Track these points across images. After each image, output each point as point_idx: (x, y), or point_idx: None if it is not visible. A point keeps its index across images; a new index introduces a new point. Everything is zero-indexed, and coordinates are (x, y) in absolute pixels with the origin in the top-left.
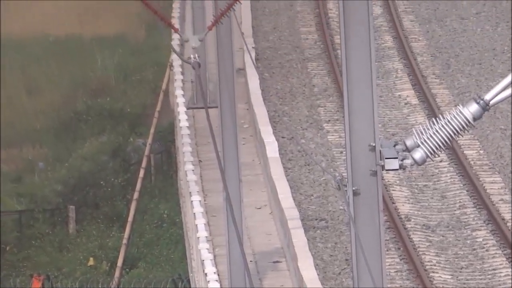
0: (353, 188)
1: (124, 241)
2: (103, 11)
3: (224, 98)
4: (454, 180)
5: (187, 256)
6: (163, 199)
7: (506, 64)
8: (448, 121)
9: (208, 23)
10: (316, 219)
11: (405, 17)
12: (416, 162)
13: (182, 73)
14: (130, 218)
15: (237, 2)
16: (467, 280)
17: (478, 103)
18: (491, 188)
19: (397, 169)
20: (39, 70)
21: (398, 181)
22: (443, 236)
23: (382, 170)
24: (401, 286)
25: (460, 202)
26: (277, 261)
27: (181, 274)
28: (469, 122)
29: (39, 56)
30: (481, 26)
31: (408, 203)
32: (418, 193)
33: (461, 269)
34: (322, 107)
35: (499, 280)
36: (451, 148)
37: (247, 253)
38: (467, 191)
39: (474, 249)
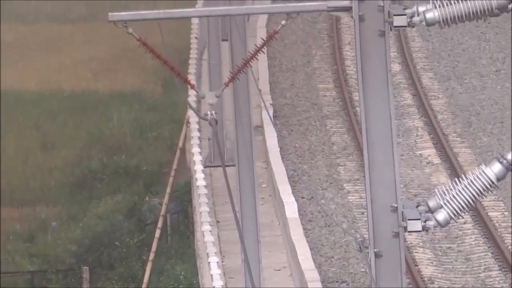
0: (375, 250)
1: None
2: (120, 66)
3: (241, 156)
4: (478, 242)
5: None
6: (179, 260)
7: None
8: (471, 182)
9: (224, 79)
10: (337, 282)
11: (424, 74)
12: (439, 224)
13: (199, 130)
14: (145, 279)
15: (254, 59)
16: None
17: (501, 162)
18: None
19: (420, 231)
20: (54, 125)
21: (421, 243)
22: None
23: (405, 231)
24: None
25: (485, 264)
26: None
27: None
28: (492, 182)
29: (54, 111)
30: (501, 84)
31: (432, 265)
32: (442, 255)
33: None
34: (342, 166)
35: None
36: (475, 210)
37: None
38: (492, 253)
39: None
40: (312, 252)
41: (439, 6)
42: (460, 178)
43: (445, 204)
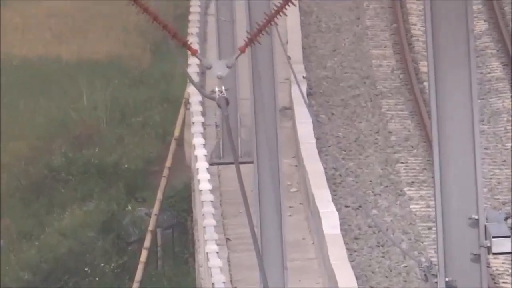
0: (447, 279)
1: None
2: (91, 24)
3: (262, 150)
4: None
5: None
6: None
7: None
8: None
9: (240, 42)
10: None
11: None
12: None
13: (203, 114)
14: None
15: (281, 14)
16: None
17: None
18: None
19: (509, 253)
20: None
21: (510, 270)
22: None
23: (488, 253)
24: None
25: None
26: None
27: None
28: None
29: None
30: None
31: None
32: None
33: None
34: (402, 163)
35: None
36: None
37: None
38: None
39: None
40: (359, 282)
41: None
42: None
43: None
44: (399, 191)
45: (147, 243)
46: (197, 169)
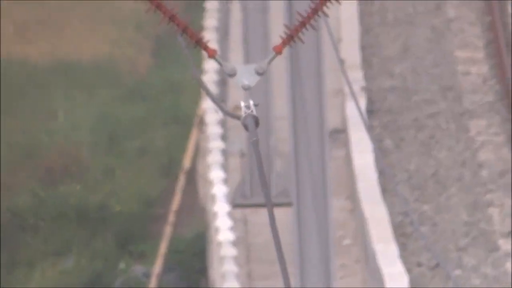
0: None
1: None
2: (70, 15)
3: (304, 188)
4: None
5: None
6: None
7: None
8: None
9: (275, 40)
10: None
11: None
12: None
13: (224, 138)
14: None
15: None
16: None
17: None
18: None
19: None
20: None
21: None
22: None
23: None
24: None
25: None
26: None
27: None
28: None
29: None
30: None
31: None
32: None
33: None
34: (496, 206)
35: None
36: None
37: None
38: None
39: None
40: None
41: None
42: None
43: None
44: (492, 245)
45: None
46: (215, 213)
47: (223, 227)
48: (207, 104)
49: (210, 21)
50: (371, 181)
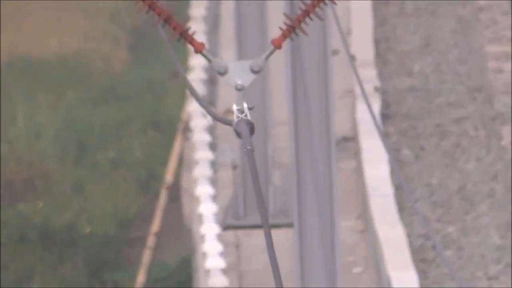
0: None
1: None
2: (32, 2)
3: (308, 206)
4: None
5: None
6: None
7: None
8: None
9: (273, 32)
10: None
11: None
12: None
13: (212, 147)
14: None
15: None
16: None
17: None
18: None
19: None
20: None
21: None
22: None
23: None
24: None
25: None
26: None
27: None
28: None
29: None
30: None
31: None
32: None
33: None
34: None
35: None
36: None
37: None
38: None
39: None
40: None
41: None
42: None
43: None
44: None
45: None
46: (203, 235)
47: (211, 252)
48: (193, 107)
49: (198, 10)
50: (386, 198)
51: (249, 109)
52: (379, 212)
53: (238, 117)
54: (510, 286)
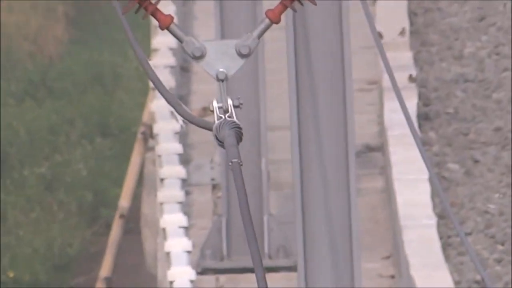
0: None
1: None
2: None
3: (317, 241)
4: None
5: None
6: None
7: None
8: None
9: (268, 2)
10: None
11: None
12: None
13: (184, 160)
14: None
15: None
16: None
17: None
18: None
19: None
20: None
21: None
22: None
23: None
24: None
25: None
26: None
27: None
28: None
29: None
30: None
31: None
32: None
33: None
34: None
35: None
36: None
37: None
38: None
39: None
40: None
41: None
42: None
43: None
44: None
45: None
46: (172, 282)
47: None
48: (157, 105)
49: None
50: (425, 230)
51: (235, 107)
52: (416, 250)
53: (219, 118)
54: None
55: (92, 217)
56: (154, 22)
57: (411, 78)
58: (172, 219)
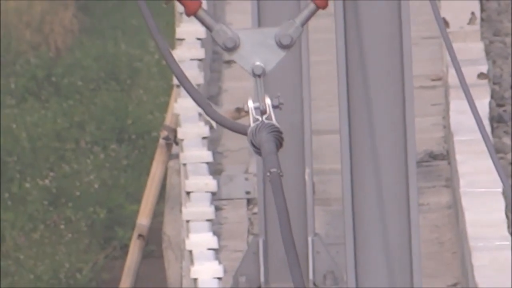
0: None
1: None
2: None
3: (371, 265)
4: None
5: None
6: None
7: None
8: None
9: None
10: None
11: None
12: None
13: (214, 172)
14: None
15: None
16: None
17: None
18: None
19: None
20: None
21: None
22: None
23: None
24: None
25: None
26: None
27: None
28: None
29: None
30: None
31: None
32: None
33: None
34: None
35: None
36: None
37: None
38: None
39: None
40: None
41: None
42: None
43: None
44: None
45: None
46: None
47: None
48: (182, 106)
49: None
50: (499, 253)
51: (275, 107)
52: (488, 276)
53: (256, 120)
54: None
55: (105, 238)
56: (179, 7)
57: (482, 75)
58: (200, 240)
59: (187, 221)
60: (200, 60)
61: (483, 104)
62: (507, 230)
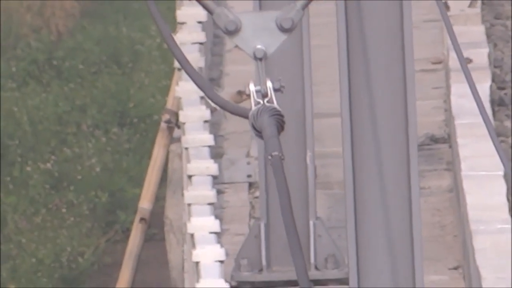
0: None
1: None
2: None
3: (373, 250)
4: None
5: None
6: None
7: None
8: None
9: None
10: None
11: None
12: None
13: (216, 155)
14: None
15: None
16: None
17: None
18: None
19: None
20: None
21: None
22: None
23: None
24: None
25: None
26: None
27: None
28: None
29: None
30: None
31: None
32: None
33: None
34: None
35: None
36: None
37: None
38: None
39: None
40: None
41: None
42: None
43: None
44: None
45: None
46: None
47: None
48: (183, 89)
49: None
50: (500, 236)
51: (276, 90)
52: (489, 259)
53: (257, 103)
54: None
55: (107, 222)
56: None
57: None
58: (202, 224)
59: (189, 205)
60: (201, 43)
61: (484, 87)
62: (508, 213)
